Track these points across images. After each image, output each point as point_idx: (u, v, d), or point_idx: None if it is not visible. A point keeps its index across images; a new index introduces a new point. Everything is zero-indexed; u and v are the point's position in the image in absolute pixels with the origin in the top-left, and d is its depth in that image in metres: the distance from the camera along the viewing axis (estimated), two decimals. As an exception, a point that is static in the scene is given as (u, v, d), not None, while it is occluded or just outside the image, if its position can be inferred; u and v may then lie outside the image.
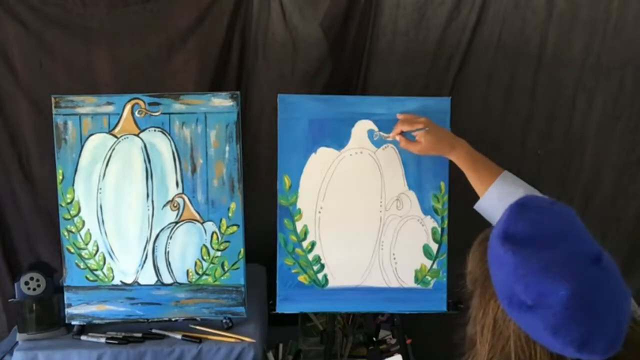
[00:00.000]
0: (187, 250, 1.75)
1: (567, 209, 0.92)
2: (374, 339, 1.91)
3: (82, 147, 1.72)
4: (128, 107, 1.72)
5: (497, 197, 1.39)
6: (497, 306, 0.87)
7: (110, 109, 1.72)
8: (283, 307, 1.76)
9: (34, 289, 1.71)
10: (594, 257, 0.81)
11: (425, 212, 1.75)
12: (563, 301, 0.78)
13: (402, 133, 1.63)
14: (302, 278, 1.76)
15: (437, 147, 1.57)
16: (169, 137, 1.72)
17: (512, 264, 0.82)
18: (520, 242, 0.83)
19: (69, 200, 1.73)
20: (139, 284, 1.76)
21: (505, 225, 0.87)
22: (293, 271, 1.75)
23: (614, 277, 0.82)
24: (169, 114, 1.72)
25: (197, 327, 1.75)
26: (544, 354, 0.83)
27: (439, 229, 1.75)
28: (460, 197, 1.66)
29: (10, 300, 1.75)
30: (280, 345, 1.89)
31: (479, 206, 1.45)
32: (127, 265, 1.75)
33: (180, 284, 1.76)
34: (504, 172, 1.45)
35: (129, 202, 1.74)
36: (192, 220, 1.75)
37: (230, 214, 1.74)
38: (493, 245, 0.87)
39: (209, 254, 1.75)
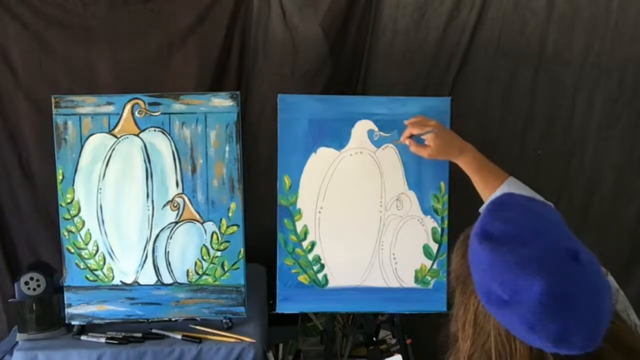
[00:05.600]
0: (187, 250, 1.75)
1: (546, 207, 0.93)
2: (374, 339, 1.91)
3: (82, 147, 1.72)
4: (128, 107, 1.72)
5: None
6: (477, 302, 0.88)
7: (110, 109, 1.72)
8: (283, 307, 1.76)
9: (34, 289, 1.71)
10: (571, 254, 0.81)
11: (425, 212, 1.75)
12: (537, 297, 0.78)
13: (411, 136, 1.63)
14: (302, 278, 1.76)
15: (446, 151, 1.56)
16: (169, 137, 1.72)
17: (488, 261, 0.83)
18: (496, 240, 0.84)
19: (69, 200, 1.73)
20: (139, 284, 1.76)
21: (482, 224, 0.88)
22: (293, 271, 1.75)
23: (592, 273, 0.82)
24: (169, 114, 1.72)
25: (197, 327, 1.75)
26: (524, 348, 0.84)
27: (439, 229, 1.75)
28: (460, 197, 1.66)
29: (10, 300, 1.75)
30: (280, 345, 1.89)
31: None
32: (127, 265, 1.75)
33: (180, 284, 1.76)
34: (510, 177, 1.46)
35: (129, 202, 1.73)
36: (192, 220, 1.75)
37: (230, 214, 1.74)
38: (471, 243, 0.89)
39: (209, 254, 1.75)
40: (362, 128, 1.73)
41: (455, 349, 0.95)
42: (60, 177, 1.72)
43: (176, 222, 1.75)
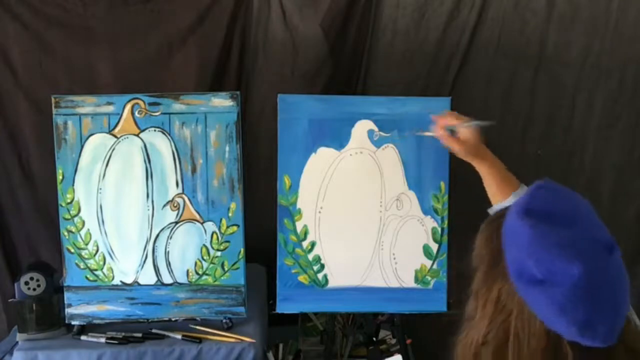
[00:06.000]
0: (187, 250, 1.75)
1: (583, 199, 0.94)
2: (374, 339, 1.90)
3: (82, 147, 1.72)
4: (128, 107, 1.72)
5: None
6: (504, 281, 0.88)
7: (110, 109, 1.72)
8: (283, 307, 1.76)
9: (34, 289, 1.71)
10: (608, 245, 0.83)
11: (425, 212, 1.75)
12: (574, 280, 0.79)
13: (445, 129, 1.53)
14: (302, 278, 1.76)
15: (477, 152, 1.49)
16: (169, 137, 1.72)
17: (528, 238, 0.83)
18: (538, 218, 0.85)
19: (69, 200, 1.73)
20: (139, 284, 1.76)
21: (525, 201, 0.88)
22: (293, 271, 1.75)
23: (622, 269, 0.84)
24: (169, 114, 1.72)
25: (197, 327, 1.75)
26: (542, 332, 0.84)
27: (439, 229, 1.75)
28: (461, 197, 1.66)
29: (10, 300, 1.75)
30: (280, 345, 1.89)
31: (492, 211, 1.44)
32: (127, 265, 1.75)
33: (180, 284, 1.76)
34: (521, 185, 1.43)
35: (129, 202, 1.73)
36: (192, 220, 1.74)
37: (230, 214, 1.74)
38: (510, 220, 0.89)
39: (209, 254, 1.75)
40: (362, 128, 1.73)
41: (469, 326, 0.94)
42: (60, 177, 1.72)
43: (176, 222, 1.74)
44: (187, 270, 1.75)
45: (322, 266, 1.75)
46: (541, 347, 0.84)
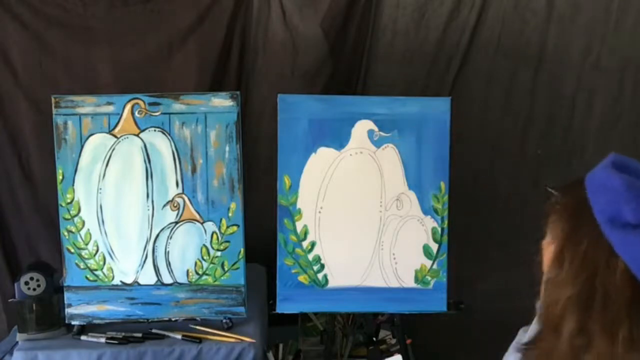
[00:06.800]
0: (187, 250, 1.75)
1: None
2: (374, 339, 1.91)
3: (82, 147, 1.72)
4: (128, 107, 1.72)
5: None
6: (591, 233, 0.89)
7: (110, 109, 1.72)
8: (283, 307, 1.76)
9: (34, 289, 1.71)
10: None
11: (425, 212, 1.75)
12: None
13: None
14: (302, 278, 1.76)
15: None
16: (169, 137, 1.72)
17: (622, 186, 0.87)
18: (627, 172, 0.90)
19: (69, 200, 1.73)
20: (139, 284, 1.76)
21: (611, 159, 0.94)
22: (293, 271, 1.75)
23: None
24: (169, 114, 1.72)
25: (197, 327, 1.75)
26: (628, 280, 0.85)
27: (439, 229, 1.75)
28: (460, 197, 1.66)
29: (10, 300, 1.75)
30: (280, 345, 1.89)
31: None
32: (127, 265, 1.75)
33: (180, 284, 1.76)
34: None
35: (129, 202, 1.73)
36: (192, 220, 1.74)
37: (230, 214, 1.74)
38: (597, 173, 0.94)
39: (209, 254, 1.75)
40: (362, 128, 1.73)
41: (550, 288, 0.94)
42: (60, 177, 1.72)
43: (176, 222, 1.74)
44: (187, 270, 1.75)
45: (322, 266, 1.75)
46: (626, 298, 0.85)
